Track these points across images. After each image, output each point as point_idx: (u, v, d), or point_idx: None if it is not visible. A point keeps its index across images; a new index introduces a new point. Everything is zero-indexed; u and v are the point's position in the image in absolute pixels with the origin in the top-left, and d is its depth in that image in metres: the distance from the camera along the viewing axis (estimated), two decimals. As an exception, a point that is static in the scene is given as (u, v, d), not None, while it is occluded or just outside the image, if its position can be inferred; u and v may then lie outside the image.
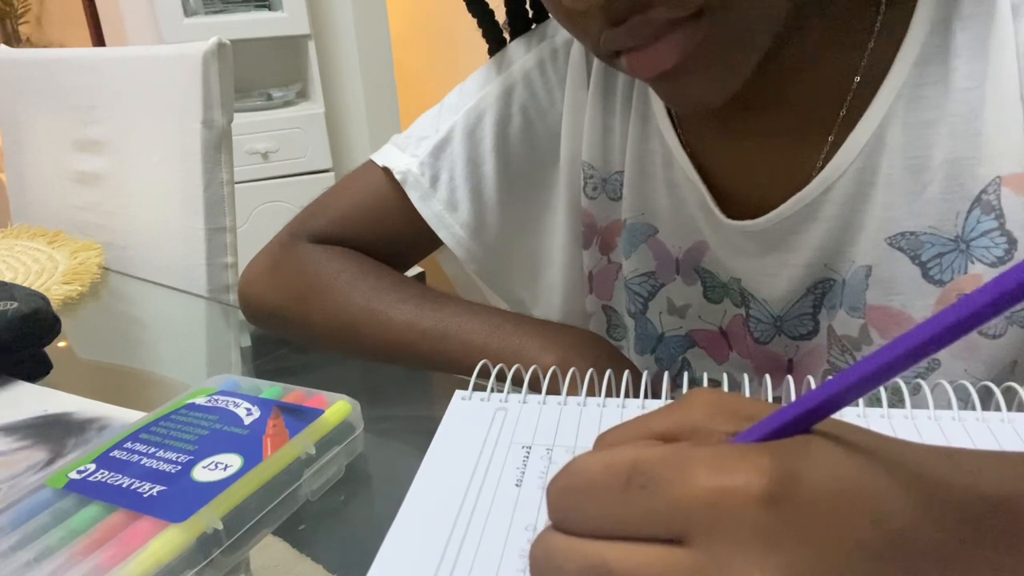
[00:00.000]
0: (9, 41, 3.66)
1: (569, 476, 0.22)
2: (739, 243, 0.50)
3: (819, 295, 0.49)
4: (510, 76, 0.57)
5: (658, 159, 0.53)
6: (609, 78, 0.55)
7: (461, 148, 0.58)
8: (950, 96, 0.42)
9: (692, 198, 0.52)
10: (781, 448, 0.20)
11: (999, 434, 0.35)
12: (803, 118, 0.47)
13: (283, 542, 0.37)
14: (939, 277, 0.44)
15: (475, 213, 0.58)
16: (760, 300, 0.51)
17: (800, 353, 0.52)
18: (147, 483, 0.37)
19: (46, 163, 1.18)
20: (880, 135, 0.44)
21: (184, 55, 0.99)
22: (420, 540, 0.31)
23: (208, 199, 1.01)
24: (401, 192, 0.59)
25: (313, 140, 2.31)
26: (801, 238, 0.48)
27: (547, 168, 0.59)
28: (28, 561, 0.33)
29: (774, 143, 0.48)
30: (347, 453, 0.42)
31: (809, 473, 0.20)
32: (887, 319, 0.46)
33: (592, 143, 0.56)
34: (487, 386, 0.41)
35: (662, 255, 0.55)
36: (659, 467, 0.20)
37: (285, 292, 0.59)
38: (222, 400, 0.44)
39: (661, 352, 0.58)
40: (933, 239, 0.44)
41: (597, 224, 0.59)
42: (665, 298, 0.56)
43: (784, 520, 0.19)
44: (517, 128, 0.57)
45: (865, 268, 0.46)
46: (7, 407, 0.52)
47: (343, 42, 2.38)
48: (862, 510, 0.20)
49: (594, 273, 0.61)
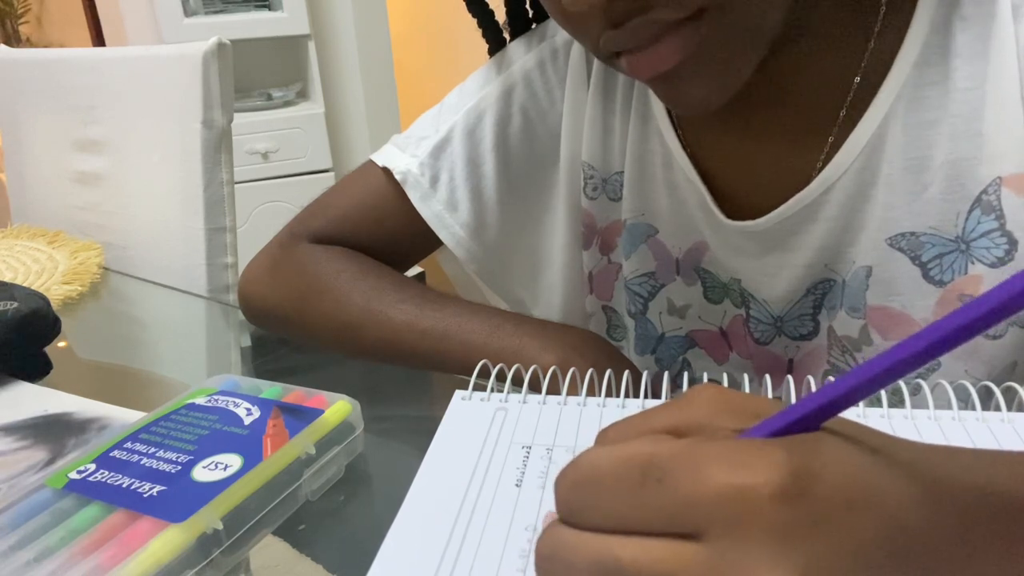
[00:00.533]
0: (9, 41, 3.66)
1: (581, 470, 0.22)
2: (739, 243, 0.50)
3: (819, 295, 0.49)
4: (510, 76, 0.57)
5: (658, 159, 0.53)
6: (609, 78, 0.55)
7: (461, 148, 0.58)
8: (950, 97, 0.42)
9: (692, 198, 0.52)
10: (795, 444, 0.20)
11: (999, 434, 0.35)
12: (803, 118, 0.47)
13: (283, 542, 0.37)
14: (939, 278, 0.44)
15: (475, 213, 0.58)
16: (760, 300, 0.51)
17: (800, 353, 0.51)
18: (147, 483, 0.37)
19: (46, 163, 1.18)
20: (880, 135, 0.44)
21: (184, 55, 0.99)
22: (420, 540, 0.31)
23: (208, 199, 1.01)
24: (401, 192, 0.59)
25: (313, 140, 2.31)
26: (801, 238, 0.48)
27: (547, 168, 0.59)
28: (28, 561, 0.33)
29: (774, 143, 0.48)
30: (347, 453, 0.42)
31: (824, 470, 0.20)
32: (888, 320, 0.46)
33: (592, 143, 0.56)
34: (487, 386, 0.41)
35: (662, 255, 0.55)
36: (675, 462, 0.20)
37: (285, 292, 0.59)
38: (222, 400, 0.44)
39: (661, 352, 0.58)
40: (933, 239, 0.44)
41: (597, 224, 0.59)
42: (665, 298, 0.56)
43: (799, 517, 0.19)
44: (517, 128, 0.57)
45: (865, 268, 0.46)
46: (7, 407, 0.52)
47: (343, 42, 2.38)
48: (877, 507, 0.20)
49: (594, 273, 0.61)
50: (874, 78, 0.44)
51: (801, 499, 0.19)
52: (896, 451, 0.21)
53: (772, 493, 0.19)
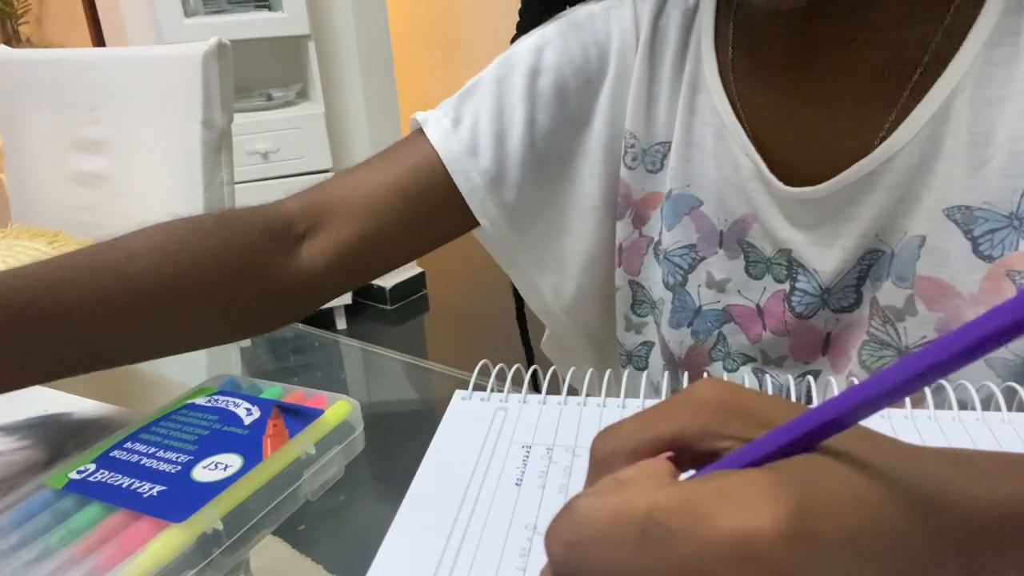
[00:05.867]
0: (9, 41, 3.66)
1: (574, 526, 0.21)
2: (794, 212, 0.50)
3: (866, 266, 0.49)
4: (543, 35, 0.57)
5: (709, 131, 0.53)
6: (657, 46, 0.55)
7: (489, 93, 0.56)
8: (1018, 76, 0.43)
9: (745, 169, 0.51)
10: (793, 478, 0.20)
11: (999, 434, 0.35)
12: (870, 86, 0.47)
13: (283, 542, 0.37)
14: (989, 253, 0.45)
15: (496, 162, 0.55)
16: (811, 271, 0.51)
17: (839, 327, 0.51)
18: (147, 483, 0.37)
19: (46, 163, 1.18)
20: (946, 108, 0.44)
21: (184, 55, 0.99)
22: (420, 540, 0.31)
23: (208, 199, 1.01)
24: (427, 152, 0.55)
25: (313, 140, 2.31)
26: (858, 208, 0.48)
27: (577, 130, 0.57)
28: (28, 561, 0.33)
29: (837, 111, 0.48)
30: (347, 453, 0.42)
31: (824, 505, 0.19)
32: (935, 290, 0.46)
33: (636, 112, 0.56)
34: (487, 386, 0.41)
35: (706, 228, 0.55)
36: (675, 518, 0.19)
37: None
38: (222, 400, 0.44)
39: (698, 325, 0.57)
40: (987, 215, 0.44)
41: (633, 196, 0.58)
42: (705, 271, 0.56)
43: (804, 560, 0.19)
44: (549, 84, 0.56)
45: (919, 239, 0.47)
46: (7, 407, 0.52)
47: (343, 42, 2.39)
48: (878, 538, 0.20)
49: (624, 246, 0.59)
50: (945, 53, 0.44)
51: (805, 541, 0.19)
52: (897, 465, 0.21)
53: (775, 540, 0.18)
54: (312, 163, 2.31)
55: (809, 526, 0.19)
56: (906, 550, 0.20)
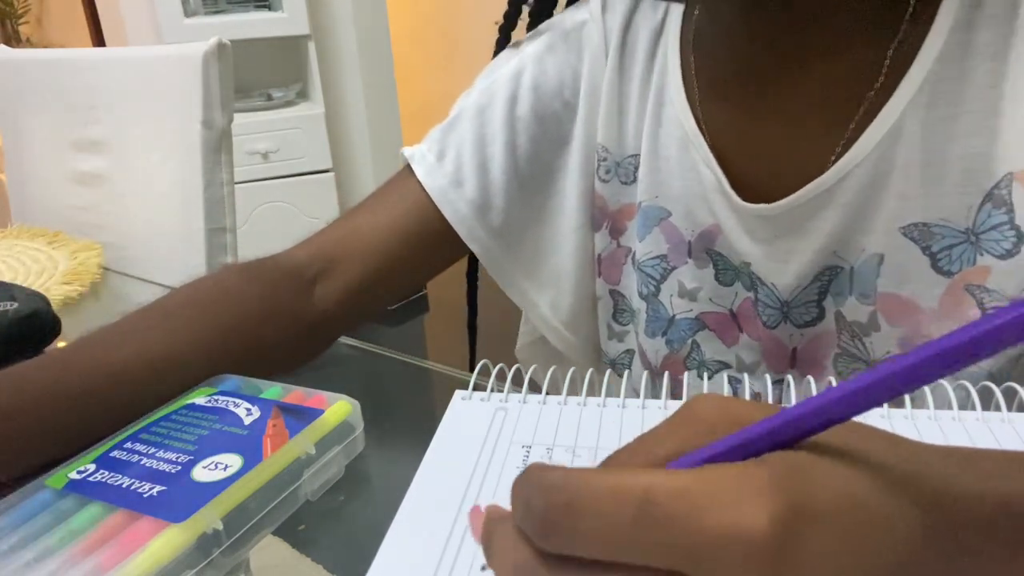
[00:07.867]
0: (9, 41, 3.66)
1: (570, 492, 0.20)
2: (752, 227, 0.50)
3: (825, 282, 0.50)
4: (521, 59, 0.58)
5: (673, 142, 0.53)
6: (625, 61, 0.56)
7: (470, 126, 0.58)
8: (969, 93, 0.43)
9: (707, 181, 0.52)
10: (790, 474, 0.20)
11: (999, 434, 0.35)
12: (824, 105, 0.47)
13: (283, 542, 0.37)
14: (948, 268, 0.45)
15: (481, 191, 0.57)
16: (768, 285, 0.51)
17: (803, 341, 0.52)
18: (147, 483, 0.37)
19: (46, 163, 1.18)
20: (899, 126, 0.44)
21: (184, 55, 0.99)
22: (420, 540, 0.31)
23: (208, 199, 1.01)
24: (416, 190, 0.57)
25: (313, 140, 2.31)
26: (814, 224, 0.48)
27: (557, 149, 0.59)
28: (28, 561, 0.33)
29: (793, 128, 0.49)
30: (347, 453, 0.42)
31: (819, 502, 0.19)
32: (896, 306, 0.47)
33: (607, 126, 0.57)
34: (487, 386, 0.41)
35: (675, 238, 0.55)
36: (673, 503, 0.19)
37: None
38: (222, 400, 0.44)
39: (672, 335, 0.57)
40: (944, 231, 0.45)
41: (608, 208, 0.59)
42: (676, 281, 0.56)
43: (798, 557, 0.19)
44: (527, 108, 0.57)
45: (877, 256, 0.47)
46: (7, 407, 0.51)
47: (343, 42, 2.39)
48: (870, 535, 0.20)
49: (603, 256, 0.61)
50: (897, 70, 0.44)
51: (799, 540, 0.19)
52: (890, 462, 0.21)
53: (767, 536, 0.18)
54: (312, 163, 2.32)
55: (804, 525, 0.19)
56: (902, 546, 0.20)
